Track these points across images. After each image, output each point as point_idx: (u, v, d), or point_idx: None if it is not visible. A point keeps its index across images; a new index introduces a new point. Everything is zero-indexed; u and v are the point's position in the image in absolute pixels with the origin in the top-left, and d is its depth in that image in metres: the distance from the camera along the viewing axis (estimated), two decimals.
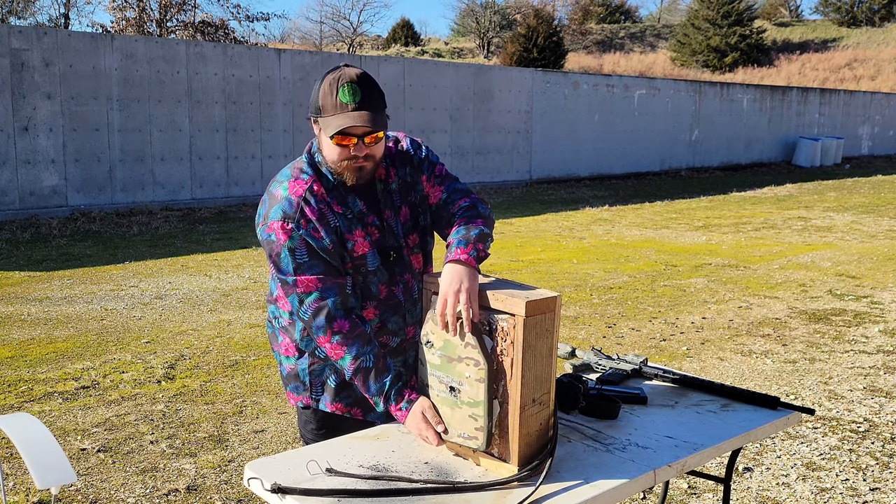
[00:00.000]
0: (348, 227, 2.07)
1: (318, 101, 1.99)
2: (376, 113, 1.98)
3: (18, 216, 10.89)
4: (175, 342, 5.53)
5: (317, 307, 2.00)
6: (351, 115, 1.95)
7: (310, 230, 2.01)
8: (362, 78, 1.98)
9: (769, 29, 51.43)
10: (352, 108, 1.95)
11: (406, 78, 15.22)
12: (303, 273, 2.01)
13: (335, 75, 1.98)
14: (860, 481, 3.57)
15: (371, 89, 1.99)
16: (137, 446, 3.82)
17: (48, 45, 11.02)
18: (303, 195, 2.03)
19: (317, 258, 2.01)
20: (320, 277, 2.01)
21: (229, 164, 12.94)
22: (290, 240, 2.00)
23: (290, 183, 2.06)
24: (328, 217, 2.04)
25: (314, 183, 2.06)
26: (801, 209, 13.76)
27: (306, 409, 2.26)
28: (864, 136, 27.38)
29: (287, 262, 2.01)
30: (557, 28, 38.57)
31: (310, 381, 2.21)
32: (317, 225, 2.01)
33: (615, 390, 2.27)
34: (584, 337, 5.79)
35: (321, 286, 2.01)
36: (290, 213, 2.01)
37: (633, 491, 1.82)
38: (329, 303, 2.00)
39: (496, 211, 13.05)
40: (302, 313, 2.03)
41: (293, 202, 2.02)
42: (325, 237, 2.02)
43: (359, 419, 2.22)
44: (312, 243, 2.01)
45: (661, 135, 20.39)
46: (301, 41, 50.07)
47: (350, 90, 1.95)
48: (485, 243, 2.07)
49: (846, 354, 5.47)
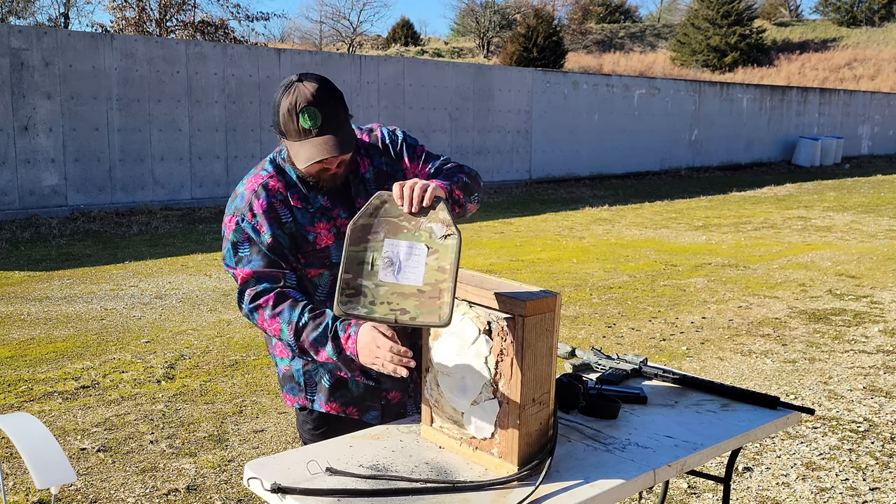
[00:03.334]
0: (310, 220, 2.07)
1: (281, 125, 1.96)
2: (341, 132, 1.96)
3: (18, 216, 10.89)
4: (175, 342, 5.53)
5: (250, 293, 2.02)
6: (317, 144, 1.93)
7: (254, 224, 2.02)
8: (319, 95, 1.93)
9: (769, 29, 51.42)
10: (316, 133, 1.93)
11: (406, 78, 15.22)
12: (241, 266, 2.04)
13: (291, 98, 1.92)
14: (860, 481, 3.58)
15: (331, 105, 1.94)
16: (137, 446, 3.82)
17: (48, 45, 11.02)
18: (255, 189, 2.05)
19: (256, 252, 2.03)
20: (255, 269, 2.02)
21: (229, 163, 12.94)
22: (234, 233, 2.04)
23: (249, 179, 2.10)
24: (279, 211, 2.04)
25: (270, 178, 2.07)
26: (800, 209, 13.76)
27: (302, 410, 2.26)
28: (864, 135, 27.38)
29: (230, 255, 2.05)
30: (557, 28, 38.55)
31: (304, 381, 2.21)
32: (261, 219, 2.02)
33: (615, 390, 2.27)
34: (584, 337, 5.79)
35: (255, 276, 2.02)
36: (240, 207, 2.05)
37: (633, 491, 1.82)
38: (259, 287, 2.02)
39: (496, 211, 13.06)
40: (243, 305, 2.05)
41: (245, 197, 2.06)
42: (267, 231, 2.02)
43: (354, 419, 2.21)
44: (253, 236, 2.02)
45: (661, 135, 20.39)
46: (301, 41, 50.06)
47: (310, 115, 1.92)
48: (465, 193, 2.08)
49: (846, 354, 5.47)
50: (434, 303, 1.75)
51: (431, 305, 1.75)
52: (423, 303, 1.76)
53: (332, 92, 1.97)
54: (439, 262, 1.78)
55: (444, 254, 1.78)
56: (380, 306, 1.78)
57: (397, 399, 2.22)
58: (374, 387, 2.17)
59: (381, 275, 1.80)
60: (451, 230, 1.78)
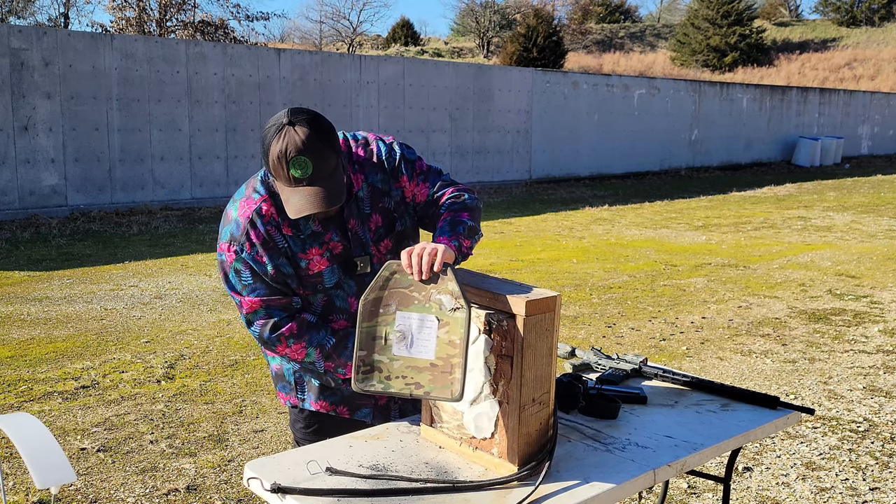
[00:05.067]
0: (301, 247, 2.04)
1: (271, 168, 1.90)
2: (332, 182, 1.90)
3: (18, 216, 10.89)
4: (175, 342, 5.53)
5: (263, 324, 2.03)
6: (307, 196, 1.87)
7: (253, 255, 2.00)
8: (310, 143, 1.84)
9: (769, 29, 51.42)
10: (306, 183, 1.87)
11: (406, 77, 15.22)
12: (248, 294, 2.02)
13: (282, 145, 1.84)
14: (860, 481, 3.58)
15: (322, 154, 1.86)
16: (137, 446, 3.82)
17: (48, 45, 11.02)
18: (250, 217, 2.01)
19: (260, 281, 2.02)
20: (263, 298, 2.02)
21: (229, 163, 12.94)
22: (236, 261, 2.01)
23: (242, 203, 2.04)
24: (276, 239, 2.01)
25: (263, 203, 2.01)
26: (800, 209, 13.76)
27: (294, 408, 2.26)
28: (864, 135, 27.38)
29: (234, 282, 2.03)
30: (557, 28, 38.56)
31: (295, 380, 2.22)
32: (260, 250, 2.00)
33: (615, 390, 2.27)
34: (584, 337, 5.79)
35: (265, 306, 2.02)
36: (236, 236, 2.01)
37: (633, 491, 1.82)
38: (275, 317, 2.03)
39: (496, 211, 13.05)
40: (253, 332, 2.07)
41: (240, 224, 2.01)
42: (269, 262, 2.00)
43: (345, 417, 2.21)
44: (255, 268, 2.00)
45: (661, 134, 20.39)
46: (301, 41, 50.06)
47: (300, 165, 1.85)
48: (472, 239, 2.05)
49: (846, 354, 5.47)
50: (446, 377, 1.77)
51: (444, 380, 1.77)
52: (436, 377, 1.78)
53: (324, 135, 1.89)
54: (450, 336, 1.78)
55: (454, 327, 1.77)
56: (395, 381, 1.80)
57: (384, 401, 2.23)
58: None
59: (395, 349, 1.81)
60: (460, 303, 1.77)
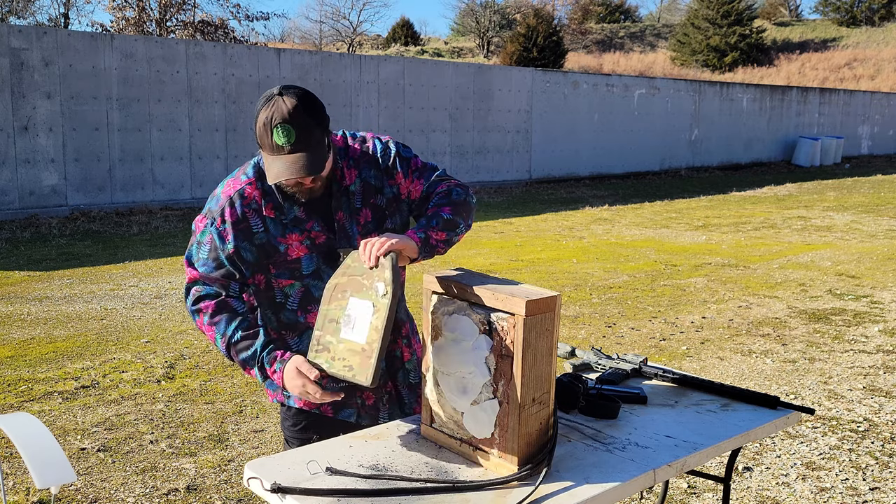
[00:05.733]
0: (281, 232, 2.07)
1: (257, 134, 1.96)
2: (313, 151, 1.93)
3: (18, 216, 10.89)
4: (175, 342, 5.53)
5: (193, 295, 2.10)
6: (287, 163, 1.92)
7: (221, 230, 2.05)
8: (296, 113, 1.90)
9: (769, 28, 51.42)
10: (288, 151, 1.91)
11: (406, 77, 15.22)
12: (193, 266, 2.10)
13: (268, 113, 1.91)
14: (860, 481, 3.58)
15: (306, 124, 1.91)
16: (137, 446, 3.82)
17: (48, 45, 11.02)
18: (230, 196, 2.06)
19: (213, 259, 2.07)
20: (203, 275, 2.08)
21: (229, 163, 12.93)
22: (202, 233, 2.09)
23: (229, 182, 2.11)
24: (250, 221, 2.05)
25: (248, 185, 2.06)
26: (800, 209, 13.76)
27: (282, 405, 2.28)
28: (864, 135, 27.38)
29: (193, 252, 2.11)
30: (557, 28, 38.56)
31: None
32: (228, 228, 2.05)
33: (615, 390, 2.27)
34: (584, 337, 5.79)
35: (202, 280, 2.09)
36: (213, 210, 2.08)
37: (633, 491, 1.82)
38: (203, 291, 2.09)
39: (496, 211, 13.05)
40: (187, 302, 2.12)
41: (220, 200, 2.08)
42: (232, 241, 2.05)
43: (329, 416, 2.22)
44: (217, 242, 2.06)
45: (661, 134, 20.39)
46: (301, 41, 50.06)
47: (284, 132, 1.90)
48: (449, 232, 2.06)
49: (846, 354, 5.47)
50: (367, 362, 1.84)
51: (366, 364, 1.85)
52: (362, 361, 1.86)
53: (311, 109, 1.94)
54: (376, 322, 1.84)
55: (381, 313, 1.83)
56: (336, 362, 1.91)
57: (372, 401, 2.24)
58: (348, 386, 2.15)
59: (342, 332, 1.91)
60: (388, 289, 1.83)
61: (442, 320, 1.94)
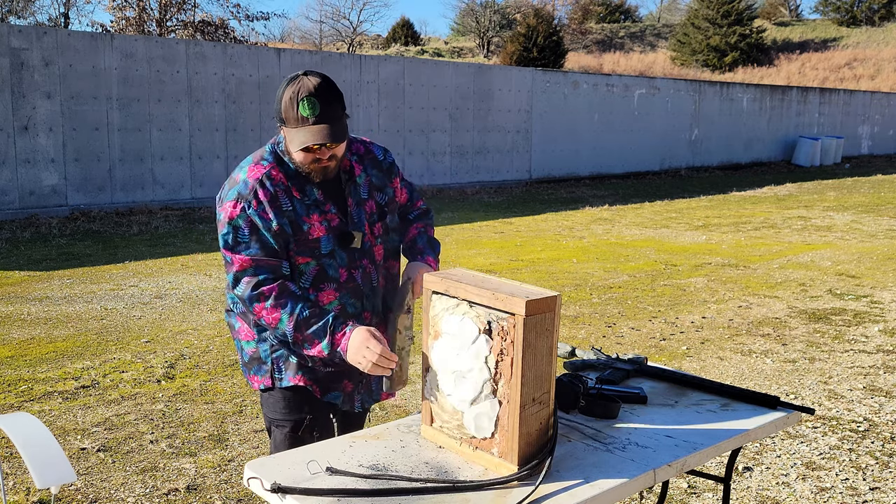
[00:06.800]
0: (306, 212, 2.19)
1: (282, 112, 2.10)
2: (335, 123, 2.10)
3: (18, 216, 10.89)
4: (175, 341, 5.53)
5: (248, 282, 2.12)
6: (312, 131, 2.07)
7: (259, 211, 2.13)
8: (320, 88, 2.08)
9: (769, 28, 51.42)
10: (312, 122, 2.07)
11: (406, 77, 15.22)
12: (240, 252, 2.13)
13: (295, 88, 2.08)
14: (860, 481, 3.58)
15: (329, 99, 2.09)
16: (137, 446, 3.82)
17: (48, 45, 11.02)
18: (260, 178, 2.15)
19: (257, 240, 2.13)
20: (254, 257, 2.13)
21: (229, 163, 12.93)
22: (238, 217, 2.13)
23: (250, 167, 2.19)
24: (281, 200, 2.16)
25: (272, 168, 2.18)
26: (800, 209, 13.76)
27: (269, 390, 2.31)
28: (864, 135, 27.37)
29: (230, 237, 2.13)
30: (557, 27, 38.56)
31: (272, 360, 2.27)
32: (267, 207, 2.13)
33: (615, 390, 2.27)
34: (584, 336, 5.79)
35: (255, 265, 2.14)
36: (244, 194, 2.14)
37: (633, 490, 1.82)
38: (260, 276, 2.12)
39: (496, 211, 13.07)
40: (238, 290, 2.15)
41: (249, 184, 2.15)
42: (274, 219, 2.14)
43: (317, 397, 2.29)
44: (259, 223, 2.12)
45: (661, 134, 20.39)
46: (301, 40, 50.06)
47: (309, 104, 2.06)
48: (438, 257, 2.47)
49: (846, 354, 5.47)
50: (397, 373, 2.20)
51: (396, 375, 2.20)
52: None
53: (333, 89, 2.12)
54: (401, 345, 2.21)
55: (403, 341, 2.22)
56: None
57: (350, 389, 2.34)
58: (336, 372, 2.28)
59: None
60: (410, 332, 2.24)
61: (442, 320, 1.94)
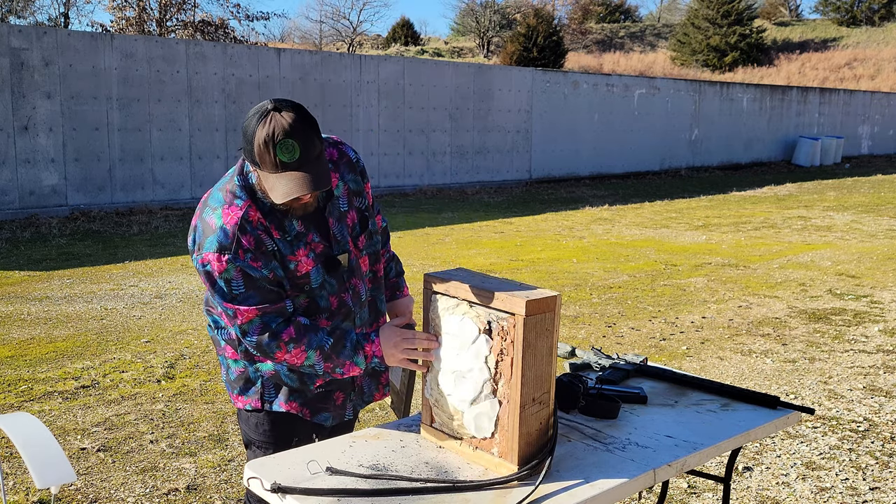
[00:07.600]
0: (290, 250, 2.02)
1: (255, 155, 1.86)
2: (318, 165, 1.89)
3: (18, 216, 10.89)
4: (175, 341, 5.53)
5: (261, 332, 1.98)
6: (296, 180, 1.85)
7: (247, 260, 1.95)
8: (296, 126, 1.84)
9: (769, 28, 51.41)
10: (294, 167, 1.85)
11: (406, 77, 15.22)
12: (241, 304, 1.97)
13: (269, 129, 1.83)
14: (860, 481, 3.58)
15: (309, 135, 1.86)
16: (137, 446, 3.82)
17: (48, 45, 11.02)
18: (238, 223, 1.95)
19: (254, 288, 1.96)
20: (260, 307, 1.97)
21: (229, 163, 12.93)
22: (226, 271, 1.94)
23: (224, 210, 1.97)
24: (265, 243, 1.98)
25: (249, 208, 1.97)
26: (800, 208, 13.76)
27: (256, 412, 2.21)
28: (864, 135, 27.37)
29: (225, 292, 1.96)
30: (557, 27, 38.56)
31: (262, 383, 2.17)
32: (254, 254, 1.96)
33: (615, 390, 2.27)
34: (584, 336, 5.79)
35: (261, 314, 1.98)
36: (225, 245, 1.94)
37: (633, 490, 1.82)
38: (272, 324, 1.99)
39: (496, 211, 13.07)
40: (249, 342, 2.01)
41: (228, 232, 1.95)
42: (264, 266, 1.97)
43: (307, 419, 2.19)
44: (251, 273, 1.95)
45: (661, 134, 20.39)
46: (301, 40, 50.05)
47: (288, 148, 1.83)
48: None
49: (846, 354, 5.47)
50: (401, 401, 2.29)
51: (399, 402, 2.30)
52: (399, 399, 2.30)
53: (309, 122, 1.89)
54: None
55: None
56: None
57: (340, 400, 2.23)
58: (325, 391, 2.18)
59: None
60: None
61: (442, 320, 1.94)
